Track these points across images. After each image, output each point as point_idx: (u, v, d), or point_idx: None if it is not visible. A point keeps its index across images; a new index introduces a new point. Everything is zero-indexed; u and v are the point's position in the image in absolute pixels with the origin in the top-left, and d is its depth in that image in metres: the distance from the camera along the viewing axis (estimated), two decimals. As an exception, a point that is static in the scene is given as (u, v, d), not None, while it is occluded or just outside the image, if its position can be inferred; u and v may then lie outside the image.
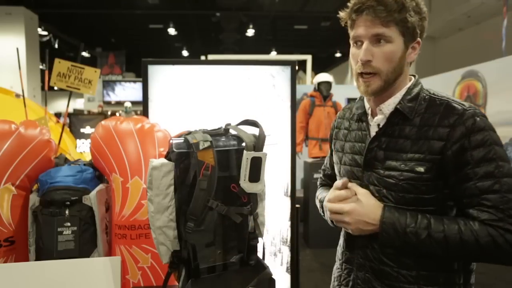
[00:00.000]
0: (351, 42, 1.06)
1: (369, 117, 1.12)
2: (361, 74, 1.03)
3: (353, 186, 1.08)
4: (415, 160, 0.98)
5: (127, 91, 15.29)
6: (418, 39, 1.03)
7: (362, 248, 1.08)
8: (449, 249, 0.94)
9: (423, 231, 0.95)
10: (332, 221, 1.15)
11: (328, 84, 5.03)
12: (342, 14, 1.06)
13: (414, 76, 1.10)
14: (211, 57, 8.43)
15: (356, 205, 1.03)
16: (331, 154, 1.31)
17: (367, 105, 1.13)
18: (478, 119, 0.94)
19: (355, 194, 1.06)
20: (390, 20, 0.97)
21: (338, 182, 1.10)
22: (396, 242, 0.98)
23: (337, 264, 1.24)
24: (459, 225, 0.93)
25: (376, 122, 1.09)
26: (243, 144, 1.06)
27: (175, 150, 1.04)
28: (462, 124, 0.94)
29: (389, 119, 1.05)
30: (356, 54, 1.03)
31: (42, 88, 10.14)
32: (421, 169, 0.97)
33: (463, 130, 0.94)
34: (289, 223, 2.03)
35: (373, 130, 1.09)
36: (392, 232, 0.97)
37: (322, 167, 1.43)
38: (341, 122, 1.25)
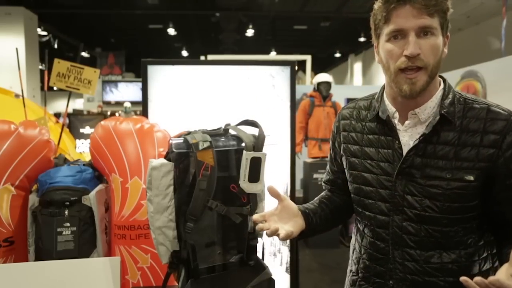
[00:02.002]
0: (384, 37, 0.96)
1: (396, 121, 1.03)
2: (403, 71, 0.94)
3: None
4: (464, 168, 0.93)
5: (126, 91, 15.28)
6: (448, 33, 0.96)
7: (401, 262, 1.01)
8: None
9: None
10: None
11: (328, 84, 5.03)
12: (377, 5, 0.97)
13: (441, 77, 1.04)
14: (210, 57, 8.43)
15: None
16: (334, 159, 1.22)
17: (392, 108, 1.04)
18: None
19: None
20: (437, 9, 0.90)
21: None
22: None
23: (351, 278, 1.15)
24: None
25: (407, 127, 1.01)
26: (243, 144, 1.06)
27: (174, 150, 1.04)
28: None
29: (434, 126, 0.97)
30: (396, 50, 0.94)
31: (42, 88, 10.13)
32: (471, 178, 0.93)
33: None
34: (288, 223, 2.03)
35: (404, 136, 1.02)
36: None
37: (325, 174, 1.31)
38: (348, 124, 1.14)
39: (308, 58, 9.00)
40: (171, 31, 12.17)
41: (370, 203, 1.06)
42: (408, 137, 1.01)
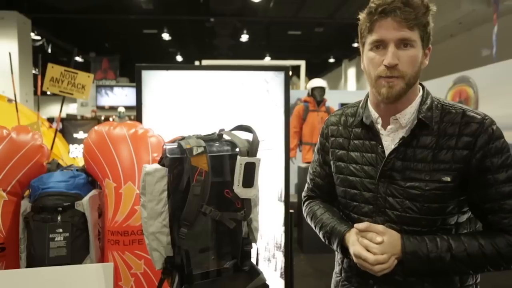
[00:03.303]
0: (367, 46, 1.02)
1: (379, 126, 1.08)
2: (383, 77, 0.99)
3: (371, 226, 1.03)
4: (441, 170, 0.99)
5: (120, 96, 15.23)
6: (430, 45, 1.02)
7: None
8: (474, 265, 0.97)
9: (446, 254, 0.96)
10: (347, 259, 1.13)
11: (322, 89, 5.06)
12: (362, 16, 1.02)
13: (421, 84, 1.08)
14: (205, 62, 8.44)
15: (387, 247, 0.99)
16: (323, 163, 1.24)
17: (375, 114, 1.09)
18: (495, 128, 0.98)
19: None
20: (416, 23, 0.95)
21: (360, 227, 1.03)
22: (421, 269, 0.98)
23: (335, 280, 1.20)
24: (479, 240, 0.97)
25: (390, 131, 1.06)
26: (237, 149, 1.06)
27: (168, 155, 1.03)
28: (484, 133, 0.97)
29: (413, 130, 1.02)
30: (377, 58, 0.99)
31: (35, 93, 10.06)
32: (448, 179, 0.98)
33: (485, 138, 0.97)
34: (283, 228, 2.03)
35: (386, 140, 1.07)
36: (417, 261, 0.98)
37: (310, 177, 1.30)
38: (336, 130, 1.19)
39: (302, 63, 9.06)
40: (166, 36, 12.19)
41: (355, 205, 1.11)
42: (390, 141, 1.07)
